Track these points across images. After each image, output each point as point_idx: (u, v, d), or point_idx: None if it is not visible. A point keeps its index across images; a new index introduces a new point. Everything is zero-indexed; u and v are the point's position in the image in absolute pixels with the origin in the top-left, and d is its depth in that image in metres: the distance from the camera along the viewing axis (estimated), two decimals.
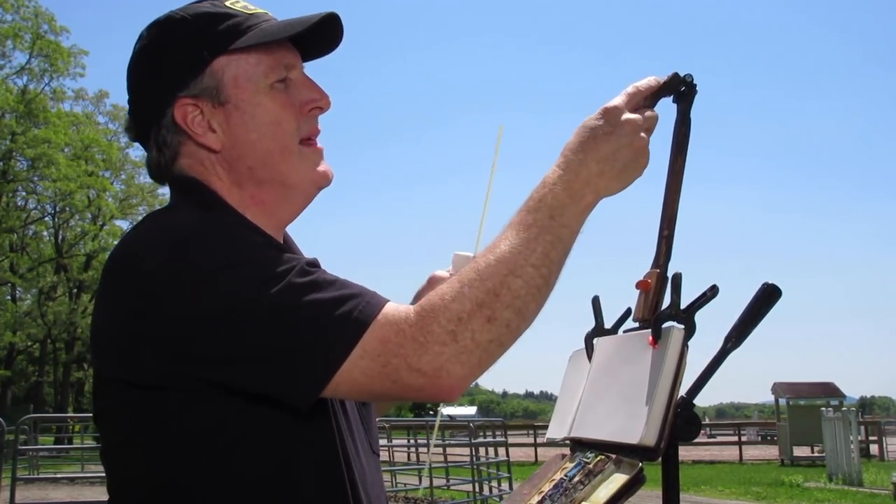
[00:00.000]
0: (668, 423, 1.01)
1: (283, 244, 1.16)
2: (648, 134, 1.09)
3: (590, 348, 1.28)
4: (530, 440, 24.67)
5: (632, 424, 1.04)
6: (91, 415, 1.14)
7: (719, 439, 31.82)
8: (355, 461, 1.10)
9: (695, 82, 1.12)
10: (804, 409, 21.20)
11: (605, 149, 1.05)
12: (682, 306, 1.06)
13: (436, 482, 11.98)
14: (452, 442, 13.80)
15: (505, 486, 11.61)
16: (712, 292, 1.05)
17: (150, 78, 1.13)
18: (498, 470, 12.26)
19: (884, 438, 23.30)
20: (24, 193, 34.62)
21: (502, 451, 12.23)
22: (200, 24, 1.11)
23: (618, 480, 1.03)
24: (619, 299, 1.24)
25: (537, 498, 1.14)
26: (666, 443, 1.01)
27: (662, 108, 1.14)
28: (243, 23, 1.12)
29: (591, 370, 1.25)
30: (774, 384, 22.64)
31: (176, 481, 1.00)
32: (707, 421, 48.71)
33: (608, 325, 1.27)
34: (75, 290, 37.70)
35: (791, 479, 15.46)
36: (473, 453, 11.63)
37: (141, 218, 1.15)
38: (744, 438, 27.44)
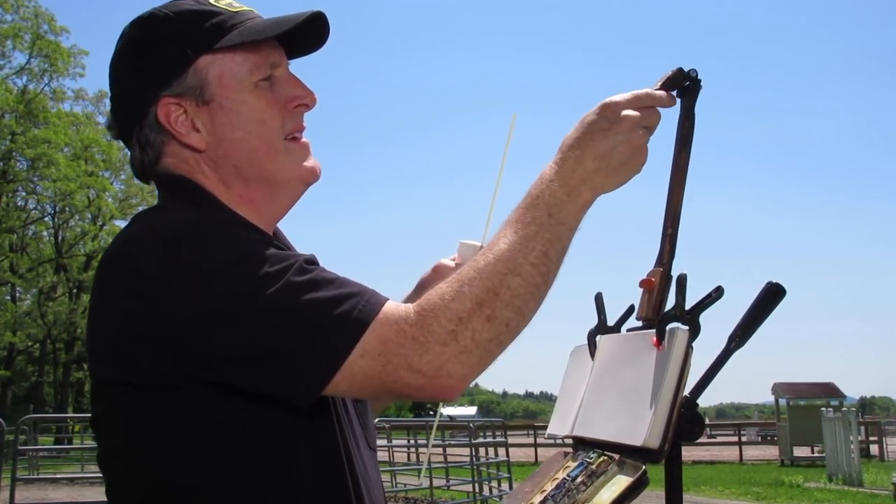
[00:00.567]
0: (672, 424, 1.01)
1: (275, 240, 1.16)
2: (649, 132, 1.07)
3: (592, 346, 1.27)
4: (530, 440, 24.68)
5: (635, 426, 1.03)
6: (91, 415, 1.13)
7: (719, 439, 31.78)
8: (356, 457, 1.09)
9: (699, 77, 1.11)
10: (804, 410, 21.20)
11: (602, 145, 1.03)
12: (686, 307, 1.05)
13: (436, 482, 11.98)
14: (452, 442, 13.79)
15: (505, 486, 11.60)
16: (717, 293, 1.04)
17: (132, 76, 1.12)
18: (498, 470, 12.26)
19: (884, 439, 23.30)
20: (23, 193, 34.62)
21: (502, 451, 12.23)
22: (184, 21, 1.10)
23: (621, 483, 1.03)
24: (622, 297, 1.24)
25: (539, 497, 1.13)
26: (670, 445, 1.00)
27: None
28: (228, 21, 1.11)
29: (593, 368, 1.24)
30: (774, 384, 22.64)
31: (178, 482, 0.99)
32: (707, 421, 48.66)
33: (611, 322, 1.26)
34: (75, 291, 37.70)
35: (791, 479, 15.45)
36: (473, 453, 11.63)
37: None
38: (744, 438, 27.45)
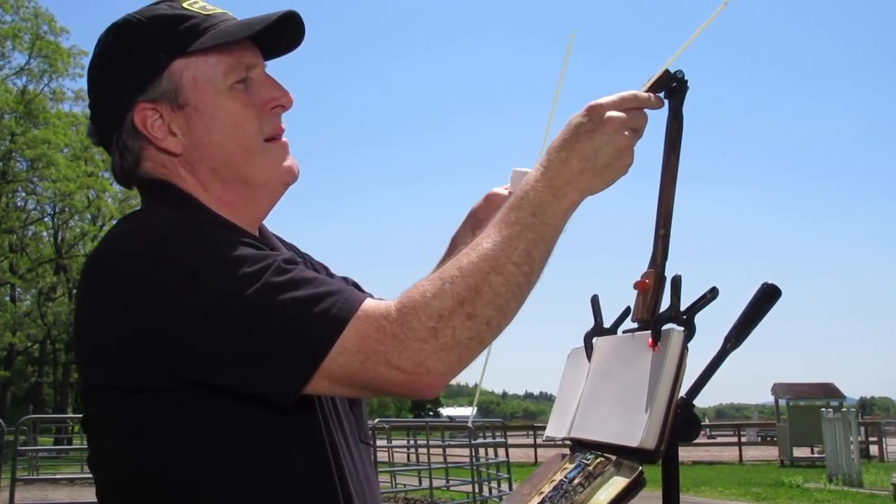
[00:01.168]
0: (668, 425, 1.01)
1: (259, 239, 1.16)
2: (636, 133, 1.07)
3: (589, 348, 1.28)
4: (530, 441, 24.67)
5: (631, 427, 1.03)
6: None
7: (719, 440, 31.79)
8: (344, 453, 1.10)
9: (686, 78, 1.11)
10: (804, 410, 21.20)
11: (587, 147, 1.03)
12: (681, 308, 1.05)
13: (436, 483, 11.98)
14: (452, 442, 13.79)
15: (505, 486, 11.61)
16: (712, 294, 1.04)
17: (108, 83, 1.13)
18: (498, 470, 12.26)
19: (884, 439, 23.32)
20: (23, 194, 34.61)
21: (502, 451, 12.23)
22: (157, 26, 1.10)
23: (618, 484, 1.03)
24: (618, 299, 1.24)
25: (537, 499, 1.14)
26: (666, 445, 1.00)
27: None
28: (201, 24, 1.11)
29: (590, 370, 1.24)
30: (774, 385, 22.65)
31: (167, 482, 1.00)
32: (707, 422, 48.70)
33: (607, 324, 1.27)
34: (75, 291, 37.60)
35: (791, 479, 15.44)
36: (473, 454, 11.63)
37: None
38: (744, 439, 27.43)
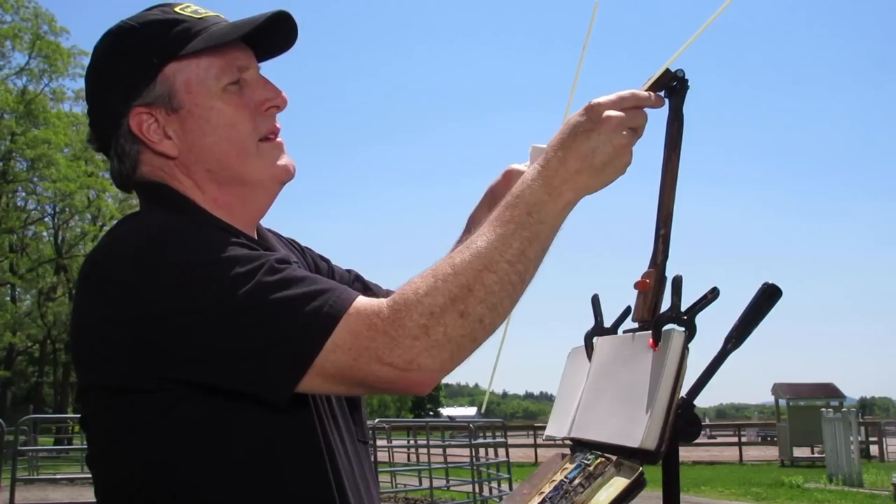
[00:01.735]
0: (668, 425, 1.01)
1: (256, 240, 1.17)
2: (635, 133, 1.06)
3: (589, 347, 1.28)
4: (530, 441, 24.69)
5: (632, 427, 1.03)
6: None
7: (719, 440, 31.79)
8: (339, 451, 1.10)
9: (686, 77, 1.10)
10: (804, 410, 21.19)
11: (585, 146, 1.03)
12: (682, 308, 1.05)
13: (436, 483, 11.99)
14: (452, 443, 13.79)
15: (505, 486, 11.60)
16: (713, 295, 1.04)
17: (104, 88, 1.14)
18: (498, 471, 12.26)
19: (884, 439, 23.33)
20: (23, 194, 34.61)
21: (502, 451, 12.22)
22: (149, 32, 1.11)
23: (618, 484, 1.03)
24: (618, 298, 1.24)
25: (537, 499, 1.13)
26: (666, 445, 1.00)
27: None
28: (192, 28, 1.12)
29: (590, 370, 1.24)
30: (774, 385, 22.64)
31: (162, 481, 1.01)
32: (707, 422, 48.67)
33: (608, 324, 1.27)
34: (75, 291, 37.63)
35: (791, 479, 15.43)
36: (473, 454, 11.63)
37: None
38: (744, 439, 27.44)
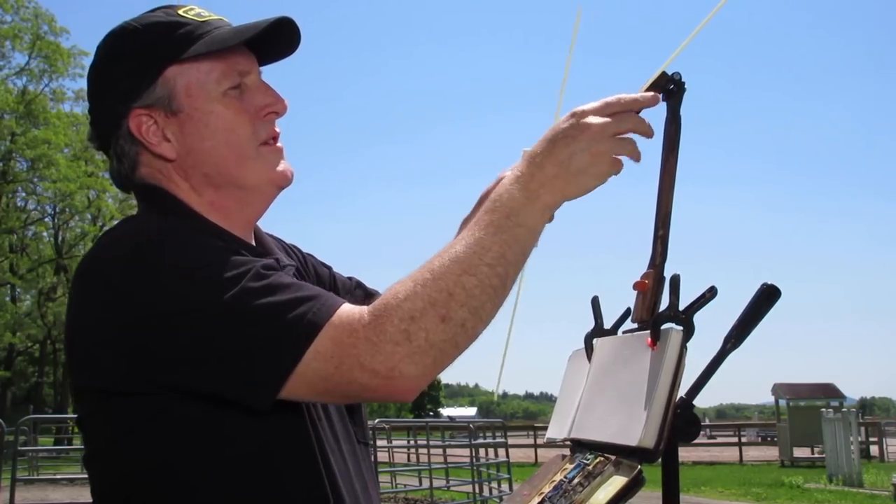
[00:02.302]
0: (667, 424, 1.01)
1: (252, 244, 1.18)
2: (625, 141, 1.02)
3: (589, 349, 1.28)
4: (530, 441, 24.70)
5: (631, 426, 1.03)
6: None
7: (719, 440, 31.80)
8: (334, 451, 1.10)
9: (683, 80, 1.10)
10: (804, 410, 21.19)
11: (563, 153, 1.01)
12: (680, 308, 1.05)
13: (436, 483, 11.99)
14: (452, 443, 13.79)
15: (505, 486, 11.61)
16: (711, 294, 1.04)
17: (105, 89, 1.14)
18: (498, 471, 12.26)
19: (884, 439, 23.33)
20: (23, 194, 34.62)
21: (502, 451, 12.23)
22: (152, 33, 1.11)
23: (617, 482, 1.03)
24: (618, 300, 1.24)
25: (537, 499, 1.14)
26: (665, 444, 1.01)
27: (652, 109, 1.11)
28: (195, 31, 1.12)
29: (590, 371, 1.25)
30: (774, 385, 22.64)
31: (156, 481, 1.01)
32: (707, 422, 48.67)
33: (608, 325, 1.27)
34: (70, 289, 37.54)
35: (791, 480, 15.44)
36: (473, 454, 11.64)
37: None
38: (744, 439, 27.42)
